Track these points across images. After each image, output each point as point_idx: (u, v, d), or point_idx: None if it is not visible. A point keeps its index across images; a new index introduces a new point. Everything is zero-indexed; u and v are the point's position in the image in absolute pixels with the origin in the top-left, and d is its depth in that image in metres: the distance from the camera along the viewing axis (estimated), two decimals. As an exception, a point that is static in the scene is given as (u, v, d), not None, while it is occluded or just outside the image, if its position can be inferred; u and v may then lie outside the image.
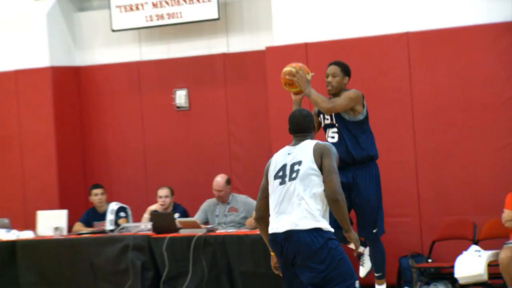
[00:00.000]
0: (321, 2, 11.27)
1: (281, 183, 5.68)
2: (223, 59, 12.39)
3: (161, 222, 9.99)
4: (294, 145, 5.84)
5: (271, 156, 6.07)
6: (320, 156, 5.61)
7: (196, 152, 12.52)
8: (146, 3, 12.19)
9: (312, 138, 5.91)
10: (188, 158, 12.51)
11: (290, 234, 5.61)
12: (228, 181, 10.69)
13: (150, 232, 9.98)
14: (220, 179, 10.64)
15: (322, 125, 7.96)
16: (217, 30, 12.37)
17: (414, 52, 10.68)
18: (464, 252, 9.26)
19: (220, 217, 10.66)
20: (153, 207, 10.85)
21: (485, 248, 9.33)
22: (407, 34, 10.93)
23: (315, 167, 5.58)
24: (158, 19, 12.14)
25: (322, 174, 5.59)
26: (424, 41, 10.83)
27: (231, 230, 9.99)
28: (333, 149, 5.73)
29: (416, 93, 10.64)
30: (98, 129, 12.71)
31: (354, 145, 7.69)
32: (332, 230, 5.62)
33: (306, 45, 11.28)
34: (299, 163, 5.64)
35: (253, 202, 10.18)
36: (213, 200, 10.73)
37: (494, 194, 10.02)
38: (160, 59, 12.76)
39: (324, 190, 5.57)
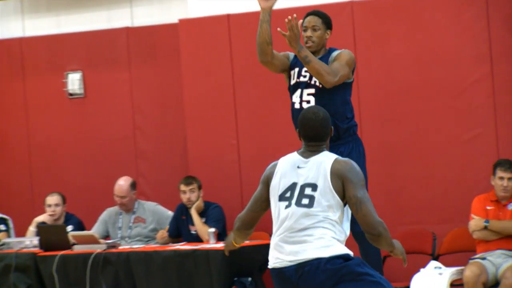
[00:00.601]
0: None
1: (287, 207, 4.94)
2: (126, 34, 11.36)
3: (51, 236, 8.90)
4: (307, 157, 5.00)
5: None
6: (341, 181, 4.83)
7: (94, 150, 11.38)
8: None
9: (328, 146, 5.15)
10: (83, 157, 11.40)
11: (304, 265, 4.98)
12: (133, 185, 9.53)
13: (36, 249, 8.79)
14: (123, 183, 9.51)
15: (292, 82, 6.86)
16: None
17: (360, 26, 10.00)
18: (422, 270, 8.24)
19: (123, 229, 9.50)
20: (41, 218, 9.50)
21: (447, 264, 8.40)
22: (351, 4, 10.15)
23: (335, 194, 4.82)
24: None
25: (345, 202, 4.83)
26: (372, 12, 10.16)
27: (138, 246, 8.86)
28: (357, 167, 4.91)
29: (363, 75, 9.65)
30: (-32, 122, 11.59)
31: (340, 113, 6.70)
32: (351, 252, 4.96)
33: (228, 16, 10.59)
34: (313, 187, 4.87)
35: (164, 211, 9.38)
36: (114, 209, 9.55)
37: (458, 199, 9.16)
38: (48, 34, 11.66)
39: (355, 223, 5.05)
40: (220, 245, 8.47)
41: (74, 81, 11.52)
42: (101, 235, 9.38)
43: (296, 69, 6.80)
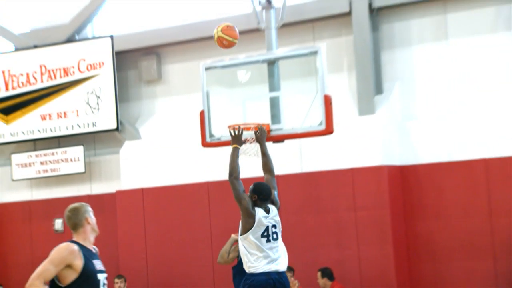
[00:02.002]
0: (158, 153, 13.90)
1: (267, 241, 7.59)
2: (87, 199, 14.10)
3: None
4: (268, 210, 7.69)
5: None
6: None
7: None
8: (35, 162, 15.08)
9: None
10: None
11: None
12: None
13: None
14: None
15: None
16: (84, 179, 15.09)
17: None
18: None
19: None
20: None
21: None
22: (207, 184, 13.34)
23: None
24: (44, 172, 15.11)
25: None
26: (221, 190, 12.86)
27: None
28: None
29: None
30: None
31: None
32: None
33: (142, 190, 13.99)
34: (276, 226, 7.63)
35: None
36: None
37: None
38: (45, 199, 15.16)
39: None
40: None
41: (58, 224, 14.79)
42: None
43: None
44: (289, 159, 12.84)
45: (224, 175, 12.19)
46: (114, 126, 14.52)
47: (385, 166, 12.53)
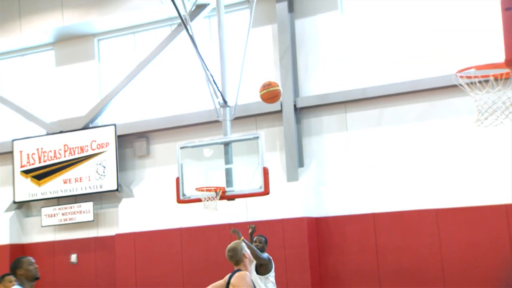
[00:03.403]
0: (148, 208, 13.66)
1: None
2: (94, 240, 14.56)
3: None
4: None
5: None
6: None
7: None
8: (58, 213, 14.93)
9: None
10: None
11: None
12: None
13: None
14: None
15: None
16: (92, 226, 14.73)
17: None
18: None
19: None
20: None
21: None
22: (180, 230, 13.29)
23: None
24: (64, 221, 14.89)
25: None
26: None
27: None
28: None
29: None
30: None
31: None
32: None
33: (134, 234, 13.73)
34: None
35: None
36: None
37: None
38: (64, 239, 14.82)
39: None
40: None
41: (73, 257, 14.47)
42: None
43: None
44: (237, 212, 12.81)
45: (193, 223, 12.65)
46: (115, 188, 14.41)
47: (305, 218, 12.44)
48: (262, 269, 8.53)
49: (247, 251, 5.55)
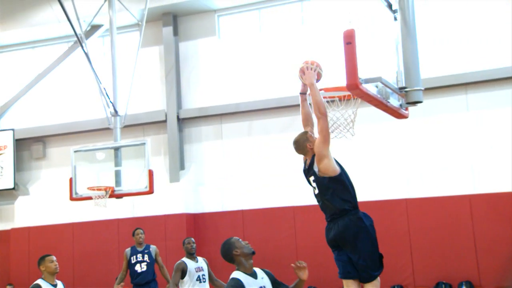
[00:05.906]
0: None
1: None
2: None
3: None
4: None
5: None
6: None
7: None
8: None
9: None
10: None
11: None
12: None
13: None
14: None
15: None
16: None
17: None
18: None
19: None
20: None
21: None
22: (72, 225, 13.28)
23: None
24: None
25: None
26: None
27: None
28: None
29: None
30: None
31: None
32: None
33: (29, 228, 13.28)
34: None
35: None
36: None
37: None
38: None
39: None
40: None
41: None
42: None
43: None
44: (125, 209, 12.67)
45: (84, 217, 12.29)
46: (12, 186, 13.91)
47: (185, 214, 12.45)
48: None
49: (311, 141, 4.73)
